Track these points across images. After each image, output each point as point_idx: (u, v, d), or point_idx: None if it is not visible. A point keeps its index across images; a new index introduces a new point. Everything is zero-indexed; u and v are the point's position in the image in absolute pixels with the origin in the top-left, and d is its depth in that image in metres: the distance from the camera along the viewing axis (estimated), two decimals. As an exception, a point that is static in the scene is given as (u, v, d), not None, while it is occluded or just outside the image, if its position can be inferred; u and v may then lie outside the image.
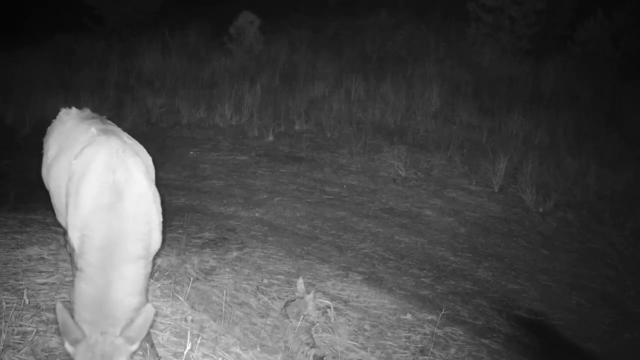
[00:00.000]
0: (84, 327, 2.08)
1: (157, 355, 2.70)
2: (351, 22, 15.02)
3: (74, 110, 3.03)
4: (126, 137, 2.69)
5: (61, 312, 2.02)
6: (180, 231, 4.96)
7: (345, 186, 6.91)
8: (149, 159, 2.68)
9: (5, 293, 3.10)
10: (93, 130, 2.64)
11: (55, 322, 2.88)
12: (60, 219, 2.78)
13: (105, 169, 2.35)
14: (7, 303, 2.90)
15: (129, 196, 2.33)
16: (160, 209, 2.50)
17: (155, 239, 2.45)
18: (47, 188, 2.89)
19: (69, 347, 2.04)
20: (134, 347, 2.07)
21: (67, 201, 2.40)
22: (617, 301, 5.20)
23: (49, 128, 3.06)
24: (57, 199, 2.64)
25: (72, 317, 2.08)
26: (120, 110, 8.92)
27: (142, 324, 2.06)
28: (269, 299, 3.98)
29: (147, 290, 2.33)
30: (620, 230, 6.43)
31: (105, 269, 2.18)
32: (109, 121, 2.98)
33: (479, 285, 5.03)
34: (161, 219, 2.50)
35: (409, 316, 4.13)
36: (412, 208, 6.45)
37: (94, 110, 3.18)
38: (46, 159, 2.88)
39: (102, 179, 2.33)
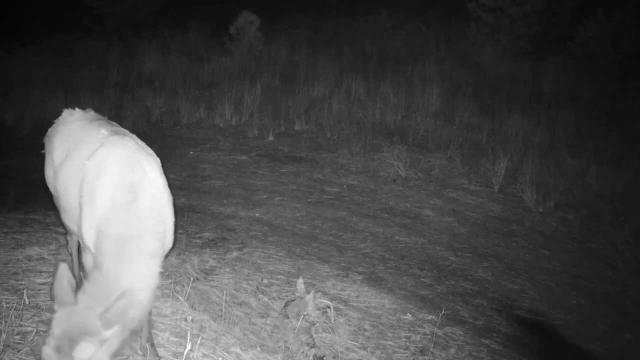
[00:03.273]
0: (80, 298, 2.05)
1: (157, 355, 2.70)
2: (351, 22, 15.02)
3: (77, 111, 3.02)
4: (136, 138, 2.69)
5: (62, 272, 2.02)
6: (180, 231, 4.95)
7: (345, 186, 6.91)
8: (158, 160, 2.69)
9: (5, 293, 3.10)
10: (103, 131, 2.64)
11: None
12: (67, 220, 2.77)
13: (121, 169, 2.37)
14: (7, 303, 2.90)
15: (145, 195, 2.35)
16: (173, 209, 2.52)
17: (168, 239, 2.47)
18: (52, 189, 2.88)
19: (55, 307, 2.02)
20: (109, 332, 2.00)
21: (81, 202, 2.40)
22: (617, 301, 5.21)
23: (51, 129, 3.03)
24: (66, 200, 2.63)
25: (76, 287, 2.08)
26: (120, 110, 8.92)
27: (121, 307, 1.99)
28: (269, 299, 3.98)
29: (157, 288, 2.34)
30: (620, 230, 6.44)
31: (122, 262, 2.19)
32: (115, 123, 2.98)
33: (479, 285, 5.03)
34: (174, 219, 2.52)
35: (409, 316, 4.13)
36: (412, 208, 6.45)
37: (94, 110, 3.17)
38: (51, 161, 2.85)
39: (119, 179, 2.34)
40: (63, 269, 2.04)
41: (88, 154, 2.49)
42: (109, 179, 2.34)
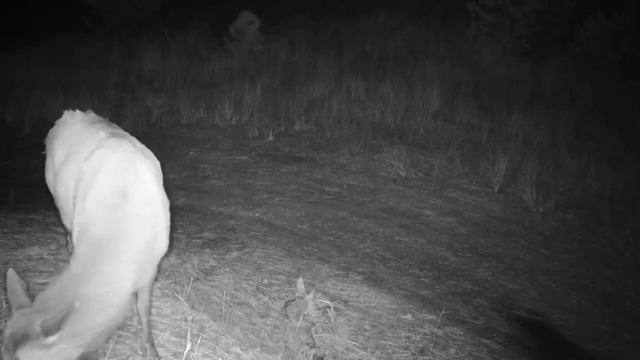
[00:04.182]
0: (35, 301, 2.04)
1: (157, 355, 2.70)
2: (351, 22, 15.02)
3: (78, 113, 3.02)
4: (135, 141, 2.69)
5: (10, 278, 2.03)
6: (180, 231, 4.96)
7: (345, 186, 6.91)
8: (157, 163, 2.68)
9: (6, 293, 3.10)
10: (102, 133, 2.65)
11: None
12: (66, 221, 2.77)
13: (116, 171, 2.37)
14: (7, 303, 2.90)
15: (137, 198, 2.34)
16: (168, 213, 2.51)
17: (161, 243, 2.45)
18: (52, 191, 2.88)
19: (13, 311, 2.04)
20: (50, 339, 1.97)
21: (75, 202, 2.41)
22: (617, 301, 5.21)
23: (51, 130, 3.04)
24: (65, 201, 2.64)
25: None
26: (120, 110, 8.92)
27: (61, 317, 1.95)
28: (269, 299, 3.98)
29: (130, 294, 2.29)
30: (620, 230, 6.44)
31: (93, 264, 2.15)
32: (115, 125, 2.98)
33: (479, 285, 5.03)
34: (169, 224, 2.50)
35: (409, 316, 4.13)
36: (412, 208, 6.45)
37: (94, 110, 3.17)
38: (52, 163, 2.86)
39: (112, 181, 2.34)
40: (11, 274, 2.04)
41: (86, 156, 2.50)
42: (101, 181, 2.34)
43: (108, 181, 2.34)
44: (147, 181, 2.42)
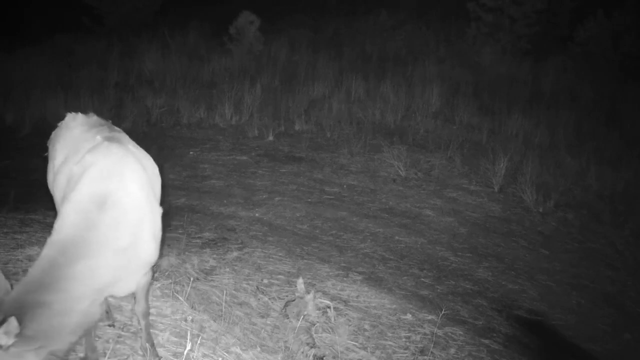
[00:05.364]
0: None
1: (157, 355, 2.70)
2: (351, 22, 15.02)
3: (80, 116, 2.98)
4: (132, 145, 2.64)
5: None
6: (180, 231, 4.96)
7: (345, 186, 6.91)
8: (154, 168, 2.63)
9: (6, 293, 3.09)
10: (98, 137, 2.63)
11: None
12: None
13: (99, 177, 2.32)
14: (7, 303, 2.90)
15: (116, 206, 2.27)
16: (157, 221, 2.44)
17: (147, 252, 2.40)
18: (52, 194, 2.88)
19: None
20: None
21: (63, 204, 2.40)
22: (617, 301, 5.21)
23: (54, 133, 3.02)
24: (60, 203, 2.63)
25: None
26: (120, 110, 8.92)
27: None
28: (269, 299, 3.98)
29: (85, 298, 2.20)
30: (620, 230, 6.44)
31: (47, 267, 2.10)
32: (117, 128, 2.96)
33: (479, 285, 5.03)
34: (159, 232, 2.44)
35: (409, 316, 4.13)
36: (412, 208, 6.45)
37: (94, 110, 3.15)
38: (52, 166, 2.84)
39: (93, 186, 2.29)
40: None
41: (77, 160, 2.48)
42: (83, 185, 2.30)
43: (89, 186, 2.29)
44: (130, 189, 2.35)
